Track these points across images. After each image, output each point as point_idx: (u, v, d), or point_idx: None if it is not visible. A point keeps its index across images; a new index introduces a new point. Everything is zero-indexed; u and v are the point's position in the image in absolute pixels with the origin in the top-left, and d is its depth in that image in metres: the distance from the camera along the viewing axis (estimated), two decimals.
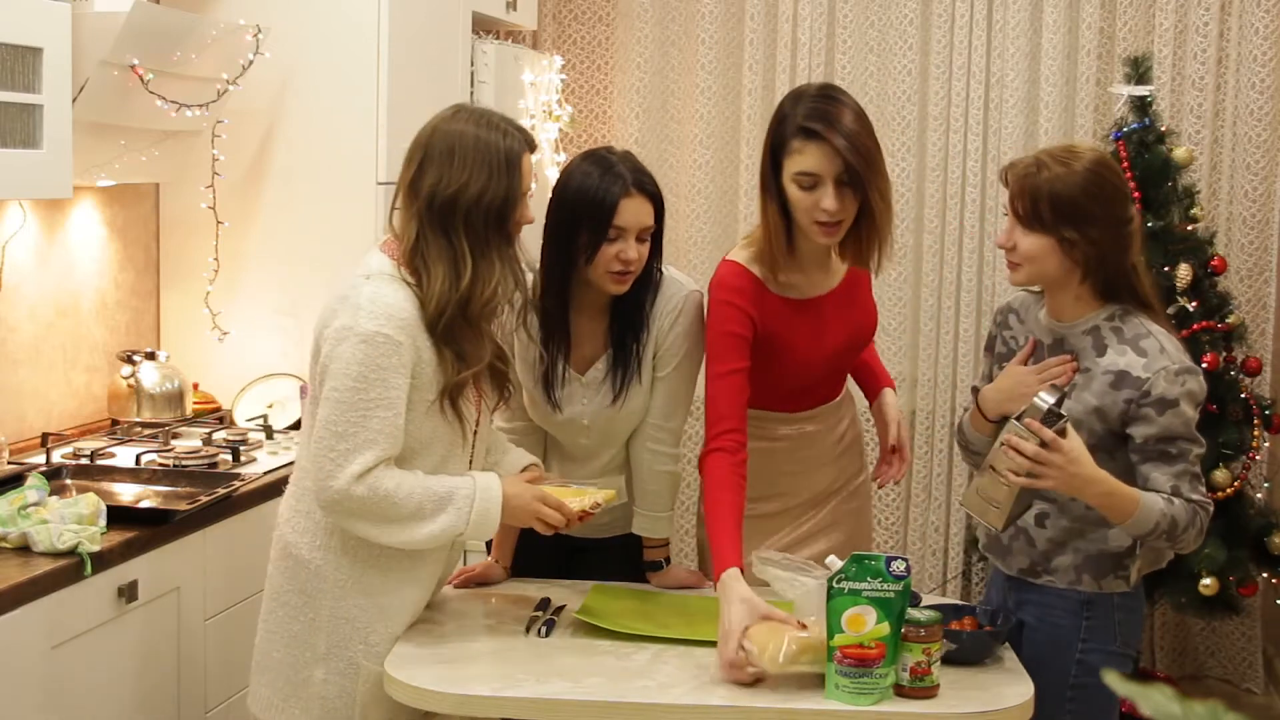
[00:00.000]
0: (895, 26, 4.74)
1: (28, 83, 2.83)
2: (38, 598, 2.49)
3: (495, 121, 2.42)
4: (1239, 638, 4.67)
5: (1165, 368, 2.42)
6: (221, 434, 3.57)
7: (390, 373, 2.31)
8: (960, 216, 4.68)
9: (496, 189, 2.36)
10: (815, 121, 2.57)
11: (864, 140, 2.58)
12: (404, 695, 2.32)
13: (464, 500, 2.35)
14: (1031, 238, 2.49)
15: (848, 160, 2.55)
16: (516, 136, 2.41)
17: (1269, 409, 4.23)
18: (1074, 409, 2.45)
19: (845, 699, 2.23)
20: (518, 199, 2.40)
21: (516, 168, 2.39)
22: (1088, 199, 2.44)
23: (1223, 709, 1.01)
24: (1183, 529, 2.42)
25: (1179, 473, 2.43)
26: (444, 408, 2.38)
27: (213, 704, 3.05)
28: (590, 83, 4.97)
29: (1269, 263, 4.60)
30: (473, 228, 2.36)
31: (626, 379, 2.72)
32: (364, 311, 2.32)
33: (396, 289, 2.36)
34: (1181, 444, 2.44)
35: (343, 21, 3.75)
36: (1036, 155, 2.51)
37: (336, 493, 2.31)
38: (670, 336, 2.74)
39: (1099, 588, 2.53)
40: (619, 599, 2.68)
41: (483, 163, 2.36)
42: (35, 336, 3.46)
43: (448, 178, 2.35)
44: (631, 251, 2.62)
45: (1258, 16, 4.55)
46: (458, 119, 2.41)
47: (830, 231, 2.62)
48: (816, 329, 2.76)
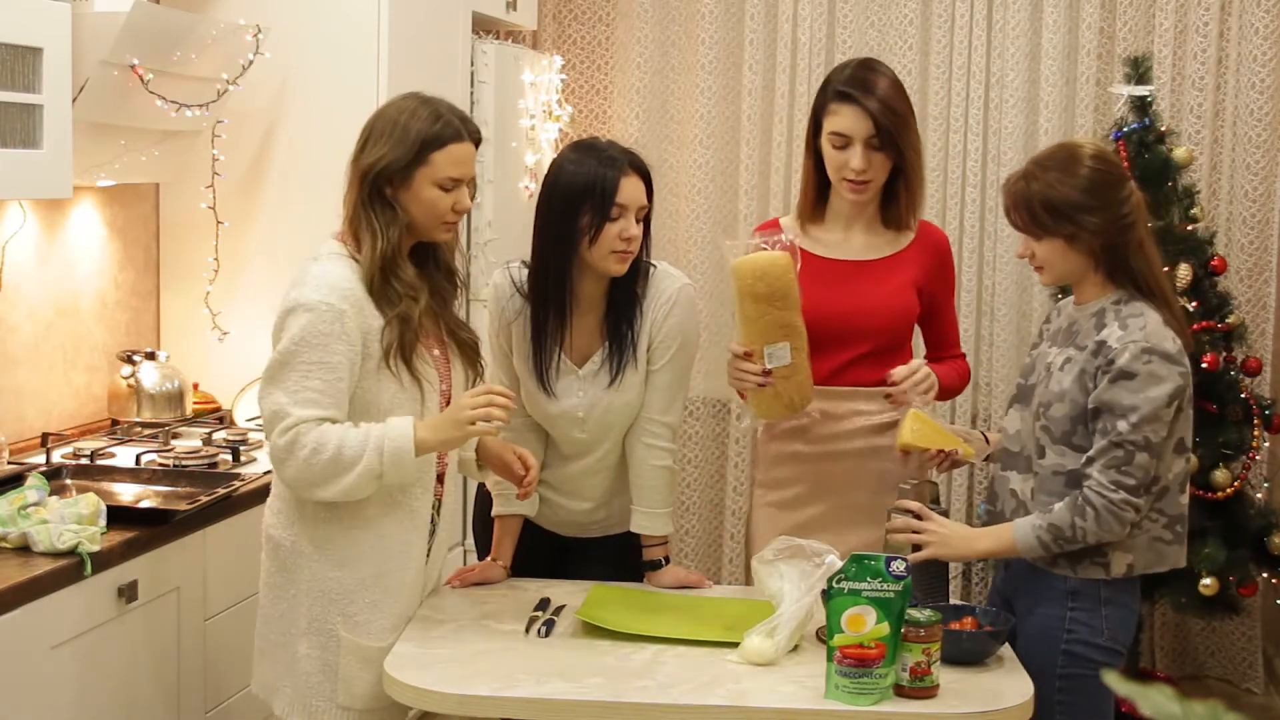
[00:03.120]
0: (895, 26, 4.74)
1: (28, 83, 2.83)
2: (38, 598, 2.49)
3: (437, 108, 2.52)
4: (1239, 638, 4.67)
5: (1135, 342, 2.49)
6: (221, 434, 3.58)
7: (332, 339, 2.41)
8: (960, 216, 4.68)
9: (393, 156, 2.47)
10: (851, 86, 2.80)
11: (897, 104, 2.80)
12: (404, 695, 2.32)
13: (375, 440, 2.40)
14: (1041, 244, 2.59)
15: (879, 122, 2.76)
16: (453, 124, 2.51)
17: (1269, 409, 4.23)
18: (1063, 381, 2.56)
19: (845, 699, 2.23)
20: (411, 169, 2.47)
21: (430, 148, 2.47)
22: (1080, 194, 2.54)
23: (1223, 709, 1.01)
24: (1070, 528, 2.50)
25: (1101, 449, 2.49)
26: (396, 368, 2.46)
27: (212, 704, 3.05)
28: (590, 83, 4.97)
29: (1269, 263, 4.60)
30: (377, 192, 2.49)
31: (622, 363, 2.77)
32: (309, 285, 2.45)
33: (340, 264, 2.49)
34: (1118, 421, 2.47)
35: (343, 21, 3.75)
36: (1026, 166, 2.64)
37: (269, 444, 2.43)
38: (664, 328, 2.78)
39: (1075, 573, 2.56)
40: (619, 599, 2.68)
41: (400, 139, 2.48)
42: (35, 336, 3.46)
43: (374, 152, 2.49)
44: (634, 229, 2.70)
45: (1258, 16, 4.55)
46: (404, 101, 2.55)
47: (857, 189, 2.83)
48: (824, 284, 2.85)
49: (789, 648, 2.41)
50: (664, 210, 4.84)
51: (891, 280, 2.90)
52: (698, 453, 4.94)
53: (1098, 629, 2.56)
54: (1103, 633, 2.56)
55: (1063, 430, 2.55)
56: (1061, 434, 2.55)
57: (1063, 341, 2.63)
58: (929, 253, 2.95)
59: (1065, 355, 2.59)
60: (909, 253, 2.93)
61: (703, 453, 4.94)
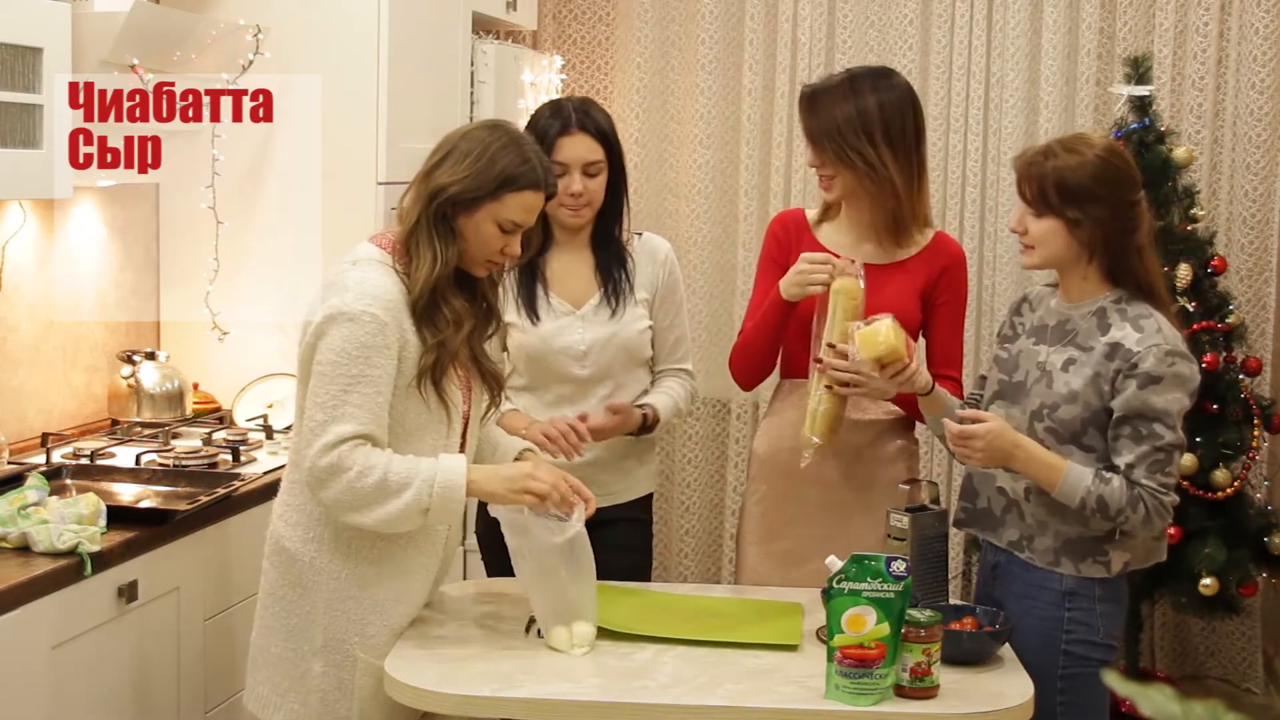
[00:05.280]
0: (895, 26, 4.74)
1: (28, 83, 2.83)
2: (38, 598, 2.49)
3: (525, 150, 2.47)
4: (1239, 638, 4.66)
5: (1158, 345, 2.49)
6: (221, 434, 3.58)
7: (374, 351, 2.36)
8: (960, 216, 4.68)
9: (472, 185, 2.43)
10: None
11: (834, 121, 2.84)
12: (404, 695, 2.32)
13: (427, 475, 2.37)
14: (1040, 221, 2.57)
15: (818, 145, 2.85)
16: (537, 171, 2.46)
17: (1269, 409, 4.23)
18: (1071, 382, 2.54)
19: (845, 699, 2.23)
20: (481, 201, 2.43)
21: (508, 187, 2.43)
22: (1094, 182, 2.52)
23: (1223, 709, 1.01)
24: (1117, 511, 2.48)
25: (1142, 454, 2.48)
26: (425, 391, 2.42)
27: (212, 704, 3.05)
28: (590, 83, 4.97)
29: (1269, 263, 4.60)
30: (444, 216, 2.45)
31: (620, 299, 2.98)
32: (351, 293, 2.39)
33: (383, 273, 2.43)
34: (1154, 426, 2.47)
35: (343, 21, 3.74)
36: (1047, 144, 2.62)
37: (309, 462, 2.35)
38: (666, 283, 3.04)
39: (1077, 571, 2.57)
40: (620, 599, 2.67)
41: (484, 170, 2.43)
42: (35, 336, 3.46)
43: (452, 174, 2.43)
44: (576, 185, 2.90)
45: (1258, 16, 4.55)
46: (493, 133, 2.48)
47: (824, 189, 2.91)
48: None
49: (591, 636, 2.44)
50: (664, 210, 4.84)
51: (896, 287, 2.88)
52: (698, 453, 4.94)
53: (1094, 627, 2.57)
54: (1099, 630, 2.58)
55: (1072, 432, 2.54)
56: (1071, 435, 2.55)
57: (1055, 340, 2.62)
58: (938, 263, 2.92)
59: (1066, 355, 2.58)
60: (917, 260, 2.92)
61: (703, 453, 4.94)
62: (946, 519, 2.70)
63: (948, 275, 2.93)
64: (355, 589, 2.45)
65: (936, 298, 2.92)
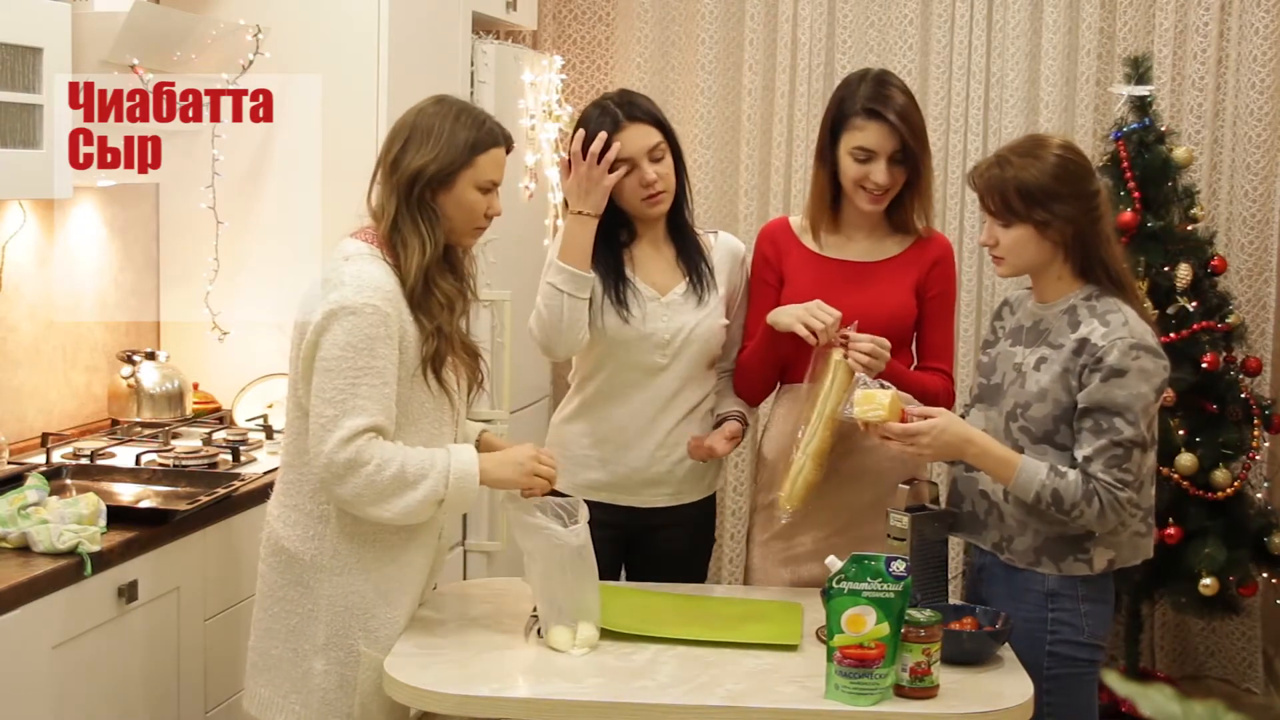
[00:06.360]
0: (895, 26, 4.74)
1: (28, 83, 2.83)
2: (38, 598, 2.49)
3: (476, 113, 2.55)
4: (1239, 638, 4.66)
5: (1123, 338, 2.49)
6: (221, 434, 3.57)
7: (378, 342, 2.38)
8: (960, 216, 4.68)
9: (443, 160, 2.47)
10: (877, 103, 2.83)
11: (917, 120, 2.87)
12: (404, 695, 2.32)
13: (442, 466, 2.39)
14: (1010, 231, 2.58)
15: (905, 140, 2.82)
16: (494, 129, 2.53)
17: (1269, 409, 4.23)
18: (1041, 380, 2.55)
19: (845, 699, 2.23)
20: (458, 171, 2.48)
21: (476, 151, 2.49)
22: (1055, 181, 2.54)
23: (1223, 709, 1.01)
24: (1071, 505, 2.48)
25: (1100, 448, 2.48)
26: (427, 377, 2.45)
27: (213, 704, 3.05)
28: (590, 83, 4.97)
29: (1269, 263, 4.60)
30: (423, 199, 2.48)
31: (704, 287, 2.96)
32: (349, 287, 2.40)
33: (376, 265, 2.46)
34: (1115, 420, 2.48)
35: (343, 21, 3.74)
36: (998, 154, 2.64)
37: (325, 458, 2.35)
38: (742, 284, 3.03)
39: (1059, 570, 2.56)
40: (620, 599, 2.68)
41: (448, 144, 2.47)
42: (35, 336, 3.46)
43: (418, 157, 2.47)
44: (648, 173, 2.86)
45: (1258, 16, 4.55)
46: (439, 107, 2.53)
47: (876, 200, 2.88)
48: (824, 284, 2.88)
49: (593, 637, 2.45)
50: None
51: (890, 282, 2.92)
52: None
53: (1079, 627, 2.57)
54: (1084, 630, 2.57)
55: (1044, 430, 2.55)
56: (1043, 434, 2.55)
57: (1029, 341, 2.63)
58: (929, 257, 2.95)
59: (1038, 355, 2.59)
60: (909, 255, 2.94)
61: None
62: (947, 519, 2.70)
63: (939, 268, 2.96)
64: (359, 579, 2.46)
65: (928, 290, 2.95)
